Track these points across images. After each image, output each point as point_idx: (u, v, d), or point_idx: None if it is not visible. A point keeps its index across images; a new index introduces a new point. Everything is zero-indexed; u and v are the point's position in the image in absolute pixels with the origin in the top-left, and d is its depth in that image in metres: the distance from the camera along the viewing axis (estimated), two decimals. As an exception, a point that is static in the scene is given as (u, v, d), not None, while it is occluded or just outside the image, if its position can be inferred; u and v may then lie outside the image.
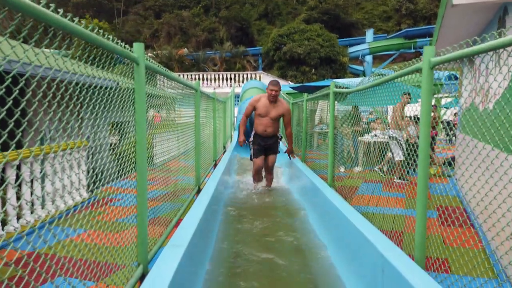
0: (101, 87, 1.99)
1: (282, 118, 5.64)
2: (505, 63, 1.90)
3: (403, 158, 6.16)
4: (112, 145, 3.44)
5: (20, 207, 4.13)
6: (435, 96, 8.51)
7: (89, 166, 5.03)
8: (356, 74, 32.25)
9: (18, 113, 1.26)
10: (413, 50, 32.06)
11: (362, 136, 6.93)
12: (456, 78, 7.26)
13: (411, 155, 2.97)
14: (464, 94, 5.86)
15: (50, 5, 1.36)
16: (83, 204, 2.15)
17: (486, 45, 1.70)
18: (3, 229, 3.77)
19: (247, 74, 22.42)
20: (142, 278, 2.28)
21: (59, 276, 1.73)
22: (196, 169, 4.95)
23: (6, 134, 1.21)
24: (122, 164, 2.31)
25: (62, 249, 1.76)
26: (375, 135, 7.07)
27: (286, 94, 11.87)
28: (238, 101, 14.08)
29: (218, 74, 22.89)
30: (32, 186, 4.11)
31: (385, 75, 3.17)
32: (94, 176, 2.01)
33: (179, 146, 4.13)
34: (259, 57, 33.25)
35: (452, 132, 6.94)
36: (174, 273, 1.97)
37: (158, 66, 2.83)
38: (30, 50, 1.30)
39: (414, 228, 2.39)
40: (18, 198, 4.02)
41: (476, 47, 1.75)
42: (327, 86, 5.04)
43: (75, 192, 4.94)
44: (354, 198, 4.23)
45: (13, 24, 1.21)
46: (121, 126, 2.37)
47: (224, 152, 9.09)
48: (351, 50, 33.45)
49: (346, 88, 4.42)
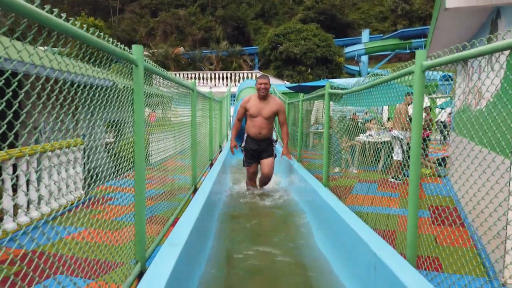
0: (101, 88, 2.03)
1: (277, 117, 5.27)
2: (492, 68, 1.96)
3: (401, 159, 6.24)
4: (107, 144, 3.47)
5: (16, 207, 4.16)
6: (430, 96, 8.60)
7: (86, 165, 5.05)
8: (351, 74, 32.38)
9: (23, 114, 1.30)
10: (408, 51, 32.25)
11: (358, 136, 6.98)
12: (451, 79, 7.34)
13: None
14: (457, 95, 5.95)
15: (45, 6, 1.35)
16: (81, 202, 2.18)
17: (475, 50, 1.77)
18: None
19: (243, 74, 22.46)
20: (140, 275, 2.32)
21: (61, 273, 1.77)
22: (192, 168, 4.99)
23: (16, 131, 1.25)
24: (122, 163, 2.35)
25: (64, 246, 1.80)
26: (370, 135, 7.15)
27: (282, 94, 11.93)
28: (234, 100, 14.12)
29: (214, 73, 22.91)
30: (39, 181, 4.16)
31: (381, 75, 3.23)
32: (94, 175, 2.05)
33: (176, 146, 4.17)
34: (256, 56, 33.30)
35: (447, 131, 7.03)
36: (171, 271, 2.01)
37: (156, 67, 2.87)
38: (40, 53, 1.34)
39: (406, 227, 2.45)
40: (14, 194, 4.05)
41: (465, 52, 1.81)
42: (323, 86, 5.09)
43: (73, 190, 4.97)
44: (348, 198, 4.29)
45: (6, 25, 1.20)
46: (119, 124, 2.41)
47: (220, 151, 9.14)
48: (347, 50, 33.59)
49: (342, 88, 4.48)
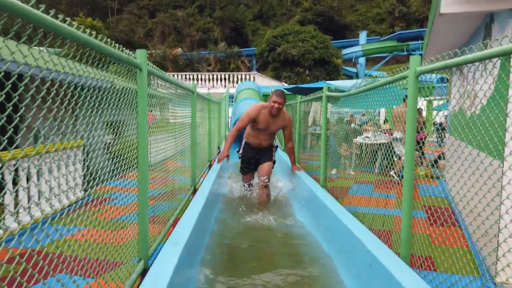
0: (104, 89, 2.11)
1: (282, 130, 4.92)
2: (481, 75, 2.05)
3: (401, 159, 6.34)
4: (107, 144, 3.53)
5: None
6: (427, 98, 8.71)
7: (87, 165, 5.10)
8: (349, 76, 32.54)
9: (23, 114, 1.37)
10: (406, 53, 32.44)
11: (355, 137, 7.07)
12: (447, 81, 7.44)
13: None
14: (452, 98, 6.04)
15: (50, 10, 1.40)
16: (81, 201, 2.25)
17: (466, 57, 1.86)
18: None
19: (241, 75, 22.55)
20: (143, 273, 2.40)
21: (71, 272, 1.84)
22: (192, 169, 5.06)
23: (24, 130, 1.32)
24: (126, 164, 2.42)
25: (67, 247, 1.87)
26: (367, 137, 7.25)
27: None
28: (232, 102, 14.20)
29: (212, 75, 23.00)
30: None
31: (378, 77, 3.33)
32: (96, 175, 2.11)
33: (177, 146, 4.24)
34: (253, 57, 33.39)
35: (443, 132, 7.12)
36: (174, 268, 2.09)
37: (160, 71, 2.95)
38: (45, 56, 1.41)
39: (400, 227, 2.54)
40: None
41: (456, 59, 1.90)
42: (321, 88, 5.17)
43: (75, 190, 5.03)
44: (345, 198, 4.38)
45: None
46: (122, 125, 2.48)
47: (218, 152, 9.21)
48: (345, 52, 33.75)
49: (339, 91, 4.57)
